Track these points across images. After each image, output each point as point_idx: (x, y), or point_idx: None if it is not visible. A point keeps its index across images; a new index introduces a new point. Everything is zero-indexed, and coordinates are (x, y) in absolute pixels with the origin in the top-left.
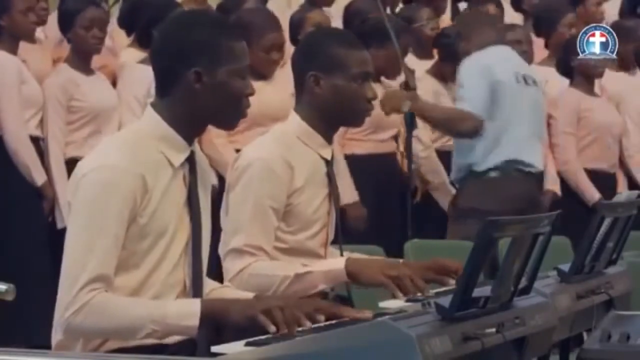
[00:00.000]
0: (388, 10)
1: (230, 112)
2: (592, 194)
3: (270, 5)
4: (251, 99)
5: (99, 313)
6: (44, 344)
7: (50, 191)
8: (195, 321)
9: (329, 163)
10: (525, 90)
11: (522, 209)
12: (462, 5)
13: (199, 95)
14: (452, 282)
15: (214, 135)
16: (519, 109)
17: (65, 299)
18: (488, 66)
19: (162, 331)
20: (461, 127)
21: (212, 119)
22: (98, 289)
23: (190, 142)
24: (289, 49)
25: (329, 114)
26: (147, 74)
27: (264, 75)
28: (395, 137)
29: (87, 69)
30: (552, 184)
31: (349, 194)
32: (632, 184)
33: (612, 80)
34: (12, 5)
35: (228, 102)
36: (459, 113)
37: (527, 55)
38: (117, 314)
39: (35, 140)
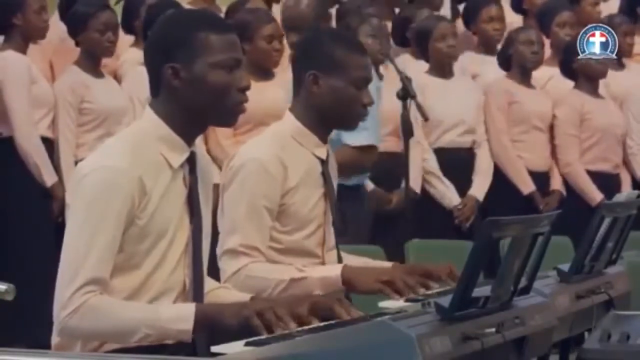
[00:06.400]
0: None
1: (217, 106)
2: (595, 195)
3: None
4: (256, 99)
5: (93, 316)
6: (44, 344)
7: (61, 192)
8: (189, 325)
9: (324, 163)
10: None
11: None
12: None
13: (179, 91)
14: (436, 285)
15: (221, 137)
16: None
17: (61, 301)
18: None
19: (156, 335)
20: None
21: (202, 115)
22: (93, 292)
23: (189, 142)
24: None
25: (324, 114)
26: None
27: (268, 68)
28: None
29: (97, 72)
30: (559, 185)
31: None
32: (636, 184)
33: (616, 79)
34: (27, 4)
35: (211, 95)
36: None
37: (539, 57)
38: (111, 317)
39: (47, 141)
